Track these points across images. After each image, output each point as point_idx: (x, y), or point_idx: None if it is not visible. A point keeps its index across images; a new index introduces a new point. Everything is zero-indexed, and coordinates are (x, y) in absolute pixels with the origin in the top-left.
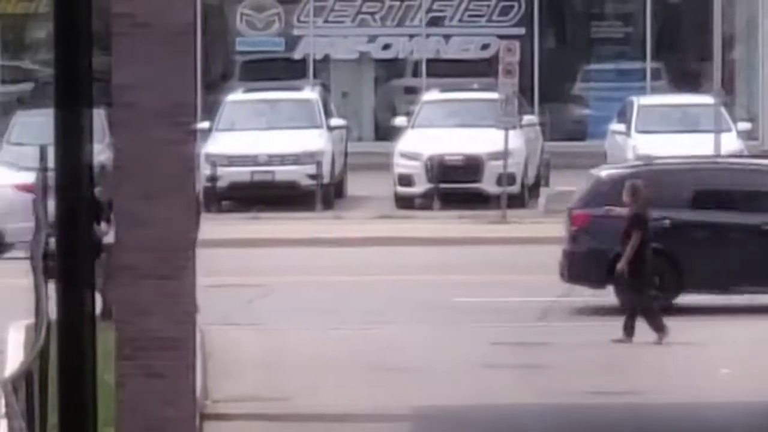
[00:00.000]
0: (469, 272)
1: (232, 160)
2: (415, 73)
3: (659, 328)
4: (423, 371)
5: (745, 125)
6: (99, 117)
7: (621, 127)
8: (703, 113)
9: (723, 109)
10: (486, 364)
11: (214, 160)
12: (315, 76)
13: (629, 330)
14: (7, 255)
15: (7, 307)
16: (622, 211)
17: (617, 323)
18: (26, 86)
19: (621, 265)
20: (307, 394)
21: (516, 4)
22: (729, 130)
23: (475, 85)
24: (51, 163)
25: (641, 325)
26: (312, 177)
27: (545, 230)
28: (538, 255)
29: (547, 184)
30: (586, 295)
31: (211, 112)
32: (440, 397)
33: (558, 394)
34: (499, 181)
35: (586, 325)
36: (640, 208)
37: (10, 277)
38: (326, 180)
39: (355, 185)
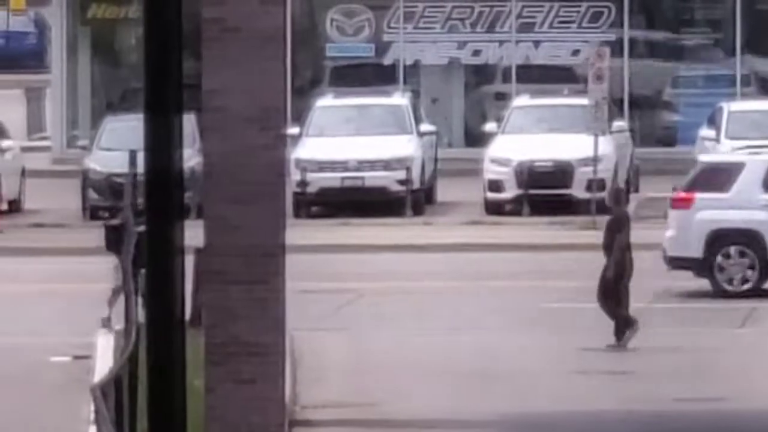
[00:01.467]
0: (559, 278)
1: (322, 166)
2: (505, 79)
3: (620, 336)
4: (512, 377)
5: None
6: (189, 122)
7: (711, 133)
8: None
9: None
10: (575, 370)
11: (304, 166)
12: (405, 81)
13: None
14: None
15: (96, 312)
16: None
17: (704, 329)
18: (116, 91)
19: (609, 272)
20: (396, 400)
21: (606, 10)
22: None
23: (565, 91)
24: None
25: (736, 334)
26: (402, 183)
27: (635, 236)
28: None
29: (636, 190)
30: (673, 302)
31: (300, 117)
32: (529, 403)
33: (645, 401)
34: (589, 186)
35: (674, 331)
36: (621, 213)
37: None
38: (416, 186)
39: (444, 191)
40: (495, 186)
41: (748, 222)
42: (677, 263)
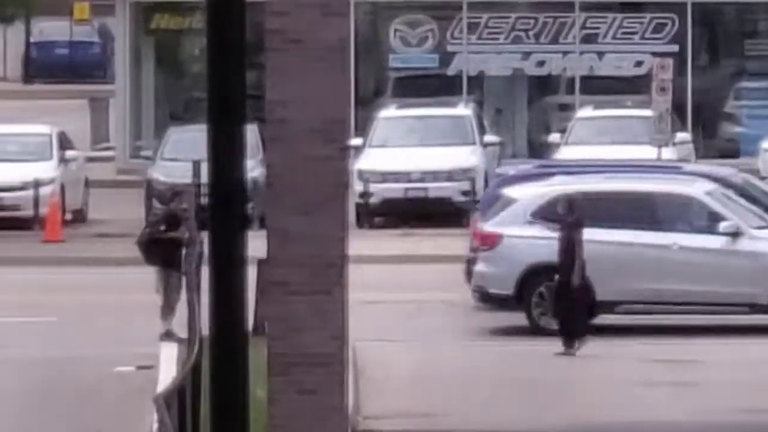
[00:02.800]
0: None
1: (385, 177)
2: (569, 90)
3: (570, 343)
4: (576, 387)
5: None
6: (252, 132)
7: None
8: None
9: None
10: (640, 382)
11: (367, 177)
12: (468, 92)
13: (568, 342)
14: None
15: (160, 322)
16: None
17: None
18: (179, 101)
19: (576, 277)
20: (458, 411)
21: (669, 21)
22: None
23: (629, 103)
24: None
25: None
26: (465, 193)
27: None
28: None
29: None
30: (741, 314)
31: (363, 128)
32: (593, 413)
33: (710, 412)
34: None
35: (737, 342)
36: (575, 219)
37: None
38: (479, 196)
39: None
40: None
41: None
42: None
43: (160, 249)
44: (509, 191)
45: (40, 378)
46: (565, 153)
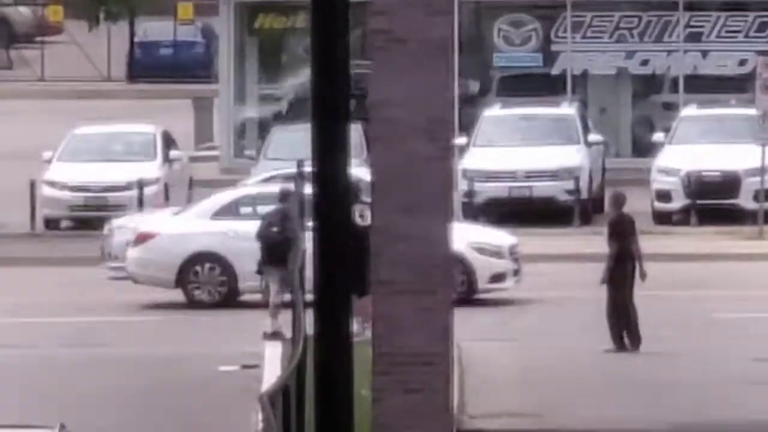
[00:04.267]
0: (728, 287)
1: (490, 176)
2: (673, 89)
3: (636, 342)
4: (683, 387)
5: None
6: (356, 131)
7: None
8: None
9: None
10: (747, 380)
11: (471, 176)
12: (573, 91)
13: (618, 340)
14: None
15: (265, 321)
16: None
17: None
18: (283, 101)
19: (603, 275)
20: (564, 410)
21: None
22: None
23: (733, 101)
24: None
25: None
26: (570, 193)
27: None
28: None
29: None
30: None
31: (468, 127)
32: (700, 412)
33: None
34: (756, 197)
35: None
36: (619, 217)
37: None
38: (584, 196)
39: None
40: (663, 196)
41: None
42: None
43: (274, 249)
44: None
45: (147, 376)
46: (669, 152)
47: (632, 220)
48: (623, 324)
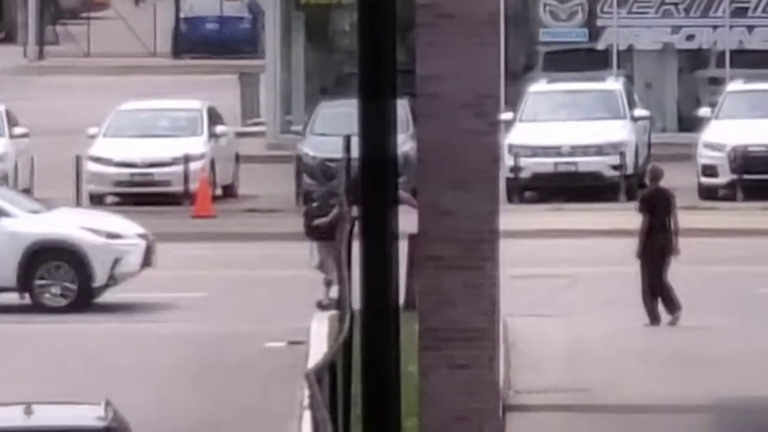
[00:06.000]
0: None
1: (536, 151)
2: (719, 64)
3: (674, 308)
4: (727, 362)
5: None
6: (403, 107)
7: None
8: None
9: None
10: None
11: (517, 151)
12: (618, 66)
13: (653, 314)
14: None
15: (311, 297)
16: None
17: None
18: (330, 76)
19: (637, 249)
20: (610, 385)
21: None
22: None
23: None
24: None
25: None
26: (615, 168)
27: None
28: None
29: None
30: None
31: (514, 102)
32: (745, 388)
33: None
34: None
35: None
36: (652, 192)
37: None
38: (629, 171)
39: None
40: (709, 171)
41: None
42: None
43: (319, 226)
44: None
45: (192, 353)
46: (715, 127)
47: (668, 194)
48: (655, 298)
